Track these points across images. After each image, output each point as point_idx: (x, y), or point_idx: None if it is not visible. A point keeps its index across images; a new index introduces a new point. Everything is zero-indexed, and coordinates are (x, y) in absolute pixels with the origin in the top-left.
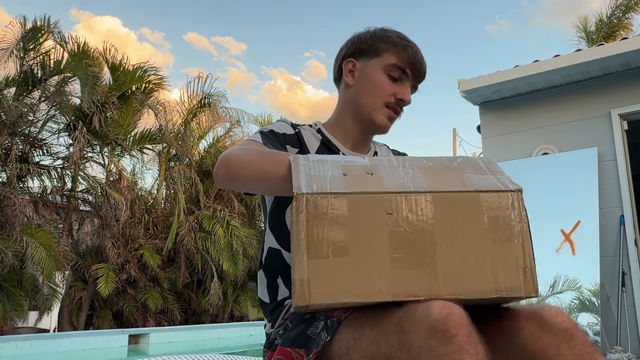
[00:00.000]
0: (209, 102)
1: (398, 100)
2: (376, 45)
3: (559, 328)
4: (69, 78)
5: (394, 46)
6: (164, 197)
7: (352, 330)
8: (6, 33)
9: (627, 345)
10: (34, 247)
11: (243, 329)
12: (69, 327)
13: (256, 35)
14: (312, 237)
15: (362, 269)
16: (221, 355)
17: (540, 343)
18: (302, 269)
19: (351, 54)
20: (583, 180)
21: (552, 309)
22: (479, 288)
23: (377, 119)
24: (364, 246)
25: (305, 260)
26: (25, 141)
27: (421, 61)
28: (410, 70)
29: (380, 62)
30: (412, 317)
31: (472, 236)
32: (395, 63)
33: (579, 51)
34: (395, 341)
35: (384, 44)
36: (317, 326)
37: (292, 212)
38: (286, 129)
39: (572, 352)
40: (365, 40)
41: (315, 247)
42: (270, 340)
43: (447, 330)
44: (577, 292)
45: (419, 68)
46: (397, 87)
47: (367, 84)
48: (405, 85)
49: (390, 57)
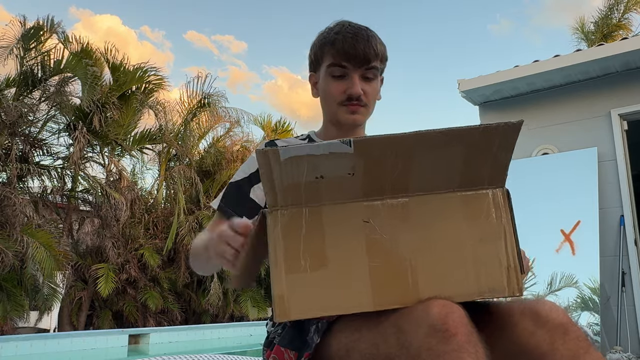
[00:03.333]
0: (209, 102)
1: (349, 96)
2: (318, 53)
3: (553, 323)
4: (69, 78)
5: (327, 47)
6: (164, 197)
7: (350, 333)
8: (6, 32)
9: (627, 345)
10: (34, 247)
11: (243, 329)
12: (69, 327)
13: (257, 34)
14: (289, 252)
15: (341, 280)
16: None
17: (534, 338)
18: (280, 285)
19: (310, 69)
20: (583, 180)
21: (546, 304)
22: (461, 291)
23: (341, 118)
24: (342, 257)
25: (283, 276)
26: (26, 141)
27: (355, 46)
28: (347, 61)
29: (324, 68)
30: (411, 317)
31: (452, 238)
32: (331, 62)
33: (579, 51)
34: (395, 342)
35: (321, 49)
36: (310, 330)
37: (267, 227)
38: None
39: (566, 346)
40: (311, 52)
41: (292, 262)
42: (269, 339)
43: (447, 330)
44: (577, 291)
45: (354, 55)
46: (344, 84)
47: (322, 92)
48: (351, 78)
49: (327, 59)
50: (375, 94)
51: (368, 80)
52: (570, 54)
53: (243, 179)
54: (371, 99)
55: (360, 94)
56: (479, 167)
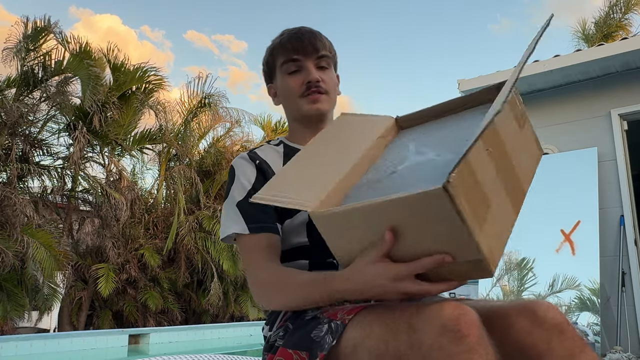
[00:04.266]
0: (209, 102)
1: (307, 85)
2: (269, 62)
3: (550, 323)
4: (70, 78)
5: (276, 50)
6: (164, 197)
7: (360, 329)
8: (11, 33)
9: (627, 345)
10: (34, 247)
11: (243, 329)
12: (69, 327)
13: (257, 34)
14: (472, 209)
15: (497, 217)
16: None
17: (531, 338)
18: (487, 240)
19: (267, 82)
20: (583, 180)
21: (543, 304)
22: None
23: (304, 111)
24: (493, 198)
25: (479, 232)
26: (26, 141)
27: (300, 38)
28: (297, 54)
29: (279, 70)
30: (424, 316)
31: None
32: (283, 60)
33: (579, 51)
34: (405, 339)
35: (271, 56)
36: (321, 329)
37: (449, 191)
38: (249, 173)
39: (563, 346)
40: (264, 65)
41: (477, 217)
42: (270, 343)
43: (459, 330)
44: (577, 292)
45: (302, 46)
46: (300, 76)
47: (282, 93)
48: (306, 68)
49: (279, 60)
50: (334, 83)
51: (323, 69)
52: (570, 54)
53: (249, 192)
54: (331, 87)
55: (319, 80)
56: None
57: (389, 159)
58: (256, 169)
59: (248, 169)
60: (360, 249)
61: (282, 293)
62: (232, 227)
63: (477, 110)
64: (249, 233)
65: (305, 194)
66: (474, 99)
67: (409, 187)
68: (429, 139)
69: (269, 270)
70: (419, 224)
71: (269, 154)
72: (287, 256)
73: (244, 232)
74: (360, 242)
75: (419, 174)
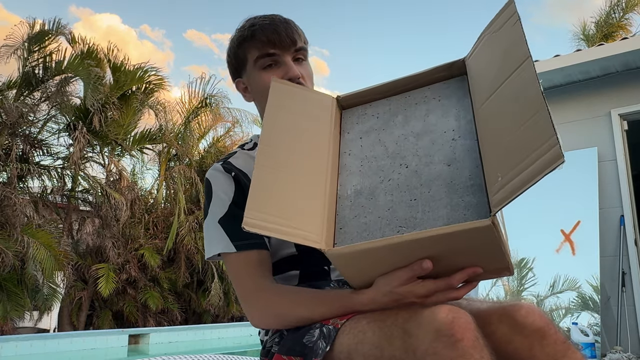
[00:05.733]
0: (211, 102)
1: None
2: (238, 54)
3: (530, 329)
4: (71, 78)
5: (247, 42)
6: (164, 197)
7: (354, 335)
8: (13, 32)
9: (627, 345)
10: (34, 247)
11: (243, 329)
12: (69, 327)
13: None
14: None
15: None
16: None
17: (512, 345)
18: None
19: (234, 76)
20: (583, 180)
21: (522, 308)
22: None
23: None
24: None
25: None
26: (26, 141)
27: (276, 30)
28: (273, 48)
29: (251, 64)
30: (418, 320)
31: None
32: (258, 55)
33: (579, 51)
34: (400, 344)
35: (241, 48)
36: (313, 334)
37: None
38: (226, 187)
39: (545, 351)
40: (231, 58)
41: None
42: (266, 349)
43: (453, 335)
44: (577, 292)
45: (278, 39)
46: (279, 72)
47: (256, 90)
48: (284, 63)
49: (252, 54)
50: (311, 76)
51: (300, 62)
52: (570, 54)
53: (230, 207)
54: (309, 82)
55: (300, 76)
56: None
57: (362, 156)
58: (233, 181)
59: (225, 182)
60: (383, 272)
61: (289, 310)
62: (216, 247)
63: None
64: (236, 252)
65: (299, 220)
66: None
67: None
68: (397, 132)
69: (270, 291)
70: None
71: (244, 162)
72: (277, 268)
73: (230, 251)
74: (385, 269)
75: (428, 188)
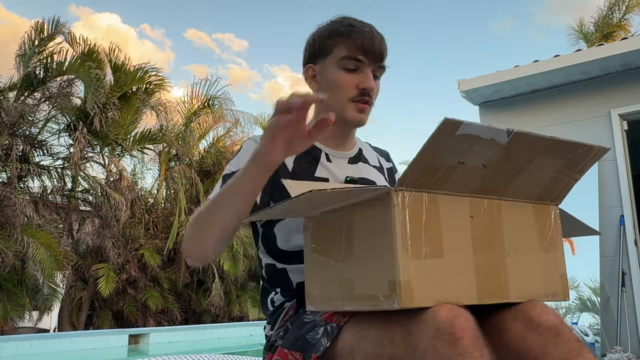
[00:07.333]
0: (213, 103)
1: (362, 91)
2: (325, 44)
3: (544, 326)
4: (72, 79)
5: (340, 38)
6: (164, 197)
7: (356, 331)
8: (15, 32)
9: (627, 345)
10: (34, 247)
11: (243, 329)
12: (69, 327)
13: (258, 32)
14: (414, 237)
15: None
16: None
17: (526, 343)
18: (407, 270)
19: (308, 60)
20: (583, 180)
21: (537, 307)
22: (535, 292)
23: (348, 116)
24: (453, 249)
25: (410, 261)
26: (26, 141)
27: (372, 41)
28: (364, 55)
29: (333, 59)
30: (419, 319)
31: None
32: (346, 55)
33: (579, 51)
34: (401, 342)
35: (331, 40)
36: (317, 331)
37: (393, 207)
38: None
39: (558, 349)
40: (315, 42)
41: (416, 248)
42: (270, 343)
43: (453, 333)
44: (577, 292)
45: (371, 49)
46: (356, 77)
47: (328, 85)
48: (364, 72)
49: (340, 51)
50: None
51: (376, 79)
52: (570, 54)
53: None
54: (375, 99)
55: (374, 89)
56: (557, 184)
57: None
58: None
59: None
60: None
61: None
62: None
63: None
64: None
65: None
66: None
67: None
68: None
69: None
70: None
71: None
72: (291, 257)
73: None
74: None
75: None
